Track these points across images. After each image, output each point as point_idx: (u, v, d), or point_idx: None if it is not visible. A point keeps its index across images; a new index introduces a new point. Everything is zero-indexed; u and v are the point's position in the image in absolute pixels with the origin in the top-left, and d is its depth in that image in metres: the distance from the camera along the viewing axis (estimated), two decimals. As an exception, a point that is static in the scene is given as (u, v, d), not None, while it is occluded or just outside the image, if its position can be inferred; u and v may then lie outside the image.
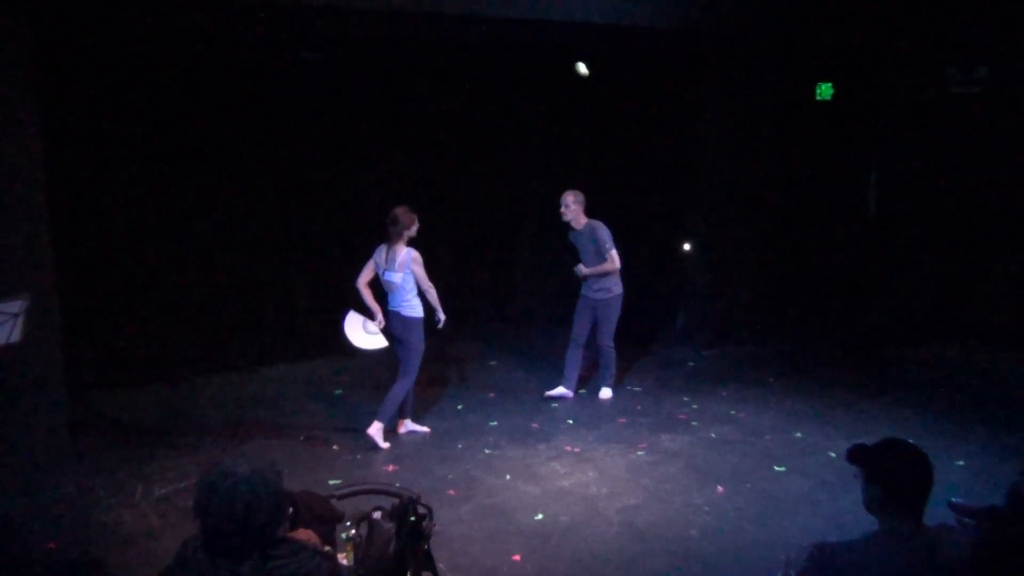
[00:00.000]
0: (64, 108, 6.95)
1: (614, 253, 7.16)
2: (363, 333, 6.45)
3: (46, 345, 5.81)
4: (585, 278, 7.27)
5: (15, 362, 5.51)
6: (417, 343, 6.36)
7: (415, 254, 6.21)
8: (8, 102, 5.56)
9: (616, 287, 7.26)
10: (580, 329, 7.40)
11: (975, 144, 8.26)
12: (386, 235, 6.28)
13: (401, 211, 6.24)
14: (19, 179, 5.63)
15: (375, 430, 6.32)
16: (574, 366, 7.49)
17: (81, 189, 7.26)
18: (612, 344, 7.37)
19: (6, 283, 5.46)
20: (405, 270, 6.20)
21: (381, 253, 6.32)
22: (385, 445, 6.34)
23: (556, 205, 7.30)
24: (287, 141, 8.29)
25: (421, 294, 6.34)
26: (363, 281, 6.38)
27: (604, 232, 7.15)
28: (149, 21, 6.68)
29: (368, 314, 6.43)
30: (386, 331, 6.47)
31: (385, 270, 6.29)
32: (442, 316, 6.42)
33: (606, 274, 7.21)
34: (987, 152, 8.21)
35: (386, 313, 6.41)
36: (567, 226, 7.31)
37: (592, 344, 7.48)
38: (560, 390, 7.51)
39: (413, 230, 6.27)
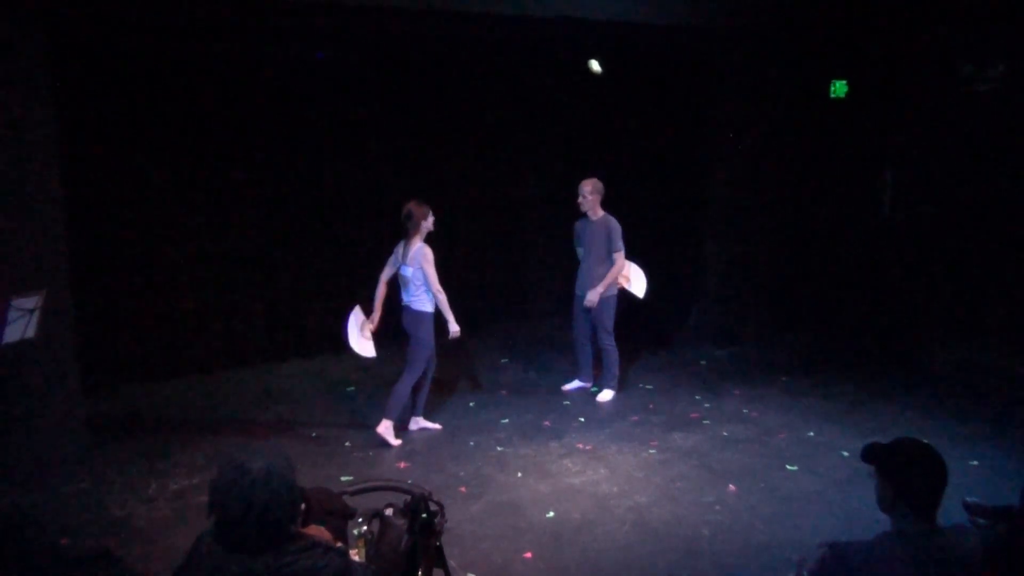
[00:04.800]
0: (80, 107, 7.00)
1: (622, 254, 7.16)
2: (358, 335, 6.51)
3: (61, 341, 5.85)
4: (601, 296, 7.16)
5: (31, 357, 5.55)
6: (425, 338, 6.38)
7: (426, 250, 6.25)
8: (25, 101, 5.60)
9: (610, 287, 7.26)
10: (581, 328, 7.44)
11: (991, 142, 8.20)
12: (403, 231, 6.33)
13: (413, 205, 6.30)
14: (36, 177, 5.66)
15: (384, 428, 6.34)
16: (586, 359, 7.56)
17: (97, 187, 7.30)
18: (612, 343, 7.34)
19: (22, 279, 5.50)
20: (415, 265, 6.24)
21: (399, 248, 6.39)
22: (396, 442, 6.36)
23: (569, 203, 7.31)
24: (301, 140, 8.31)
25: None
26: (384, 276, 6.50)
27: (619, 230, 7.15)
28: (165, 21, 6.71)
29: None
30: (399, 326, 6.51)
31: (401, 264, 6.35)
32: (454, 327, 6.38)
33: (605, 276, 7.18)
34: (1004, 150, 8.14)
35: (401, 307, 6.45)
36: (577, 215, 7.33)
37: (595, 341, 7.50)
38: (576, 383, 7.63)
39: (429, 223, 6.31)
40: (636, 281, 7.38)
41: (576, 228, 7.41)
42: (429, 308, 6.36)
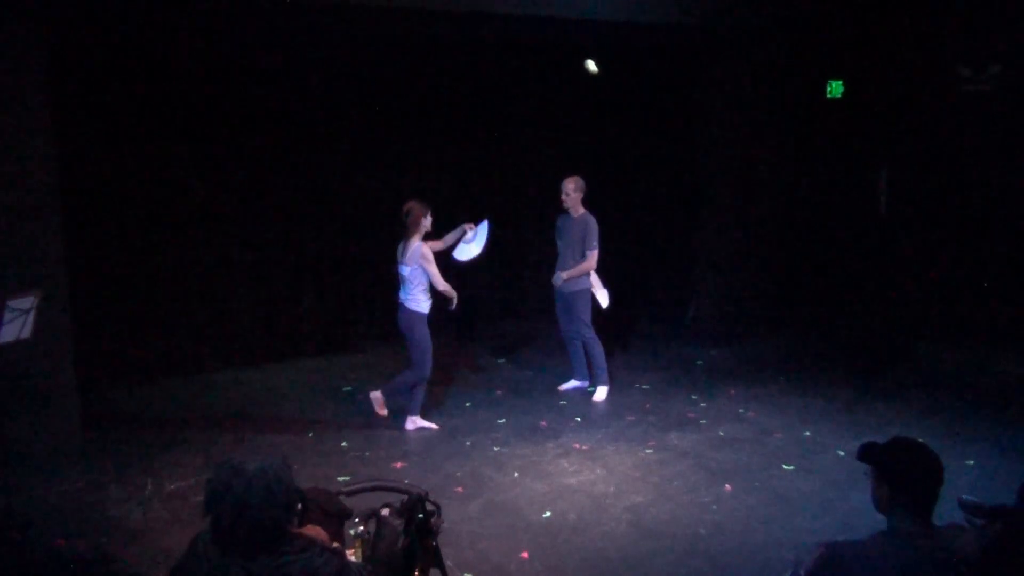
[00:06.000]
0: (78, 108, 6.98)
1: (595, 253, 7.20)
2: (464, 247, 6.82)
3: (57, 341, 5.85)
4: (566, 280, 7.27)
5: (27, 358, 5.54)
6: (421, 336, 6.41)
7: (424, 249, 6.27)
8: (22, 102, 5.59)
9: (580, 282, 7.28)
10: (567, 324, 7.49)
11: (987, 142, 8.22)
12: (402, 228, 6.35)
13: (414, 202, 6.35)
14: (32, 177, 5.66)
15: (376, 396, 6.54)
16: (578, 357, 7.58)
17: (93, 187, 7.29)
18: (593, 334, 7.36)
19: (18, 279, 5.49)
20: (414, 264, 6.26)
21: (399, 247, 6.42)
22: (383, 412, 6.56)
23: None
24: (297, 141, 8.30)
25: (432, 291, 6.40)
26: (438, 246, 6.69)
27: (595, 229, 7.20)
28: (165, 21, 6.70)
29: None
30: (393, 325, 6.54)
31: (399, 263, 6.37)
32: (454, 303, 6.50)
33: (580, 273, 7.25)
34: (998, 151, 8.16)
35: (396, 305, 6.48)
36: (559, 210, 7.38)
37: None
38: (573, 383, 7.65)
39: (426, 222, 6.33)
40: (600, 292, 7.39)
41: (557, 224, 7.49)
42: (421, 308, 6.40)
